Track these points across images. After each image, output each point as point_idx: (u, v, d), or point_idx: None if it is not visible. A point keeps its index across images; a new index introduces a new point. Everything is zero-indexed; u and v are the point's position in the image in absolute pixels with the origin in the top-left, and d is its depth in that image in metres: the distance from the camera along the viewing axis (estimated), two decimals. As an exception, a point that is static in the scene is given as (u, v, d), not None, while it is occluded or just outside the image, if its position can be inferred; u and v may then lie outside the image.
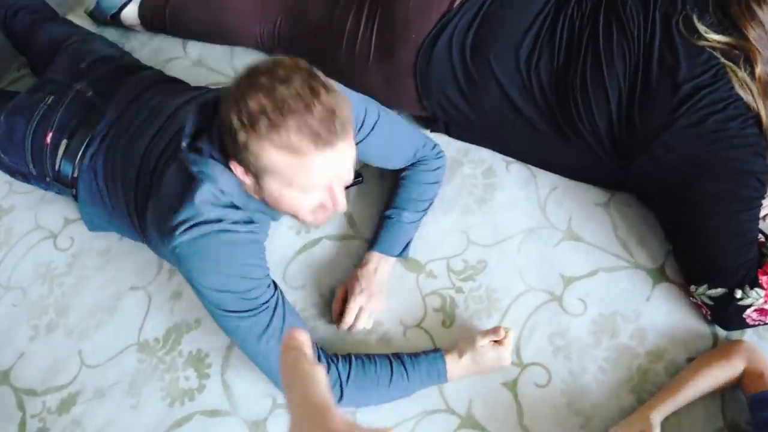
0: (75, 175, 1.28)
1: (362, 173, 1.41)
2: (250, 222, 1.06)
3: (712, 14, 1.16)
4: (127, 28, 1.68)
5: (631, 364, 1.19)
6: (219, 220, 1.00)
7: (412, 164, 1.31)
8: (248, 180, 0.97)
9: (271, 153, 0.89)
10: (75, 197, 1.31)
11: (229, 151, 0.95)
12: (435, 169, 1.32)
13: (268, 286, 1.08)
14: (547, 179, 1.38)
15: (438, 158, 1.33)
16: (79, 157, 1.26)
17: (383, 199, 1.36)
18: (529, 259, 1.29)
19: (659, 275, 1.26)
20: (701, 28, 1.14)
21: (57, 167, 1.29)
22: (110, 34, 1.67)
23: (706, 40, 1.13)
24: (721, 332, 1.20)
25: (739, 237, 1.14)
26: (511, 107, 1.26)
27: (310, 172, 0.91)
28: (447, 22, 1.26)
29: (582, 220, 1.33)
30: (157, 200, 1.08)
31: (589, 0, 1.23)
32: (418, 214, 1.30)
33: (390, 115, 1.22)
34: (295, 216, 1.02)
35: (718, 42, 1.13)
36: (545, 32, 1.22)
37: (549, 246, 1.31)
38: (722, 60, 1.12)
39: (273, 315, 1.07)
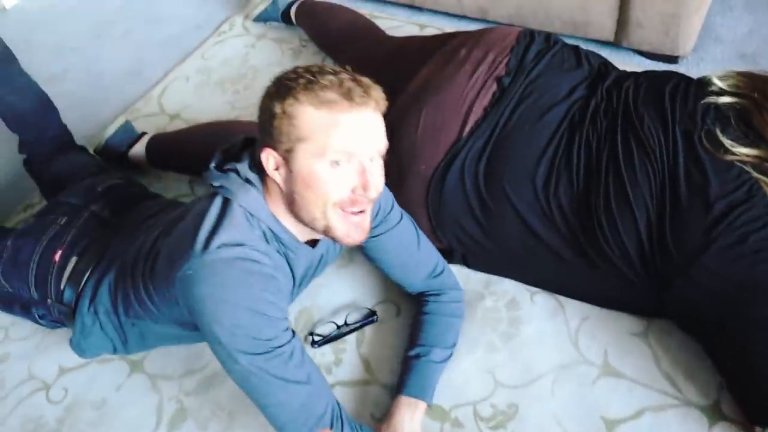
0: (77, 298, 1.22)
1: (377, 311, 1.32)
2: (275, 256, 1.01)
3: (736, 128, 1.10)
4: (135, 167, 1.68)
5: None
6: (241, 245, 0.94)
7: (434, 295, 1.24)
8: (278, 175, 0.96)
9: (306, 110, 0.92)
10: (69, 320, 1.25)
11: (264, 143, 0.96)
12: (458, 301, 1.25)
13: (285, 330, 0.97)
14: (576, 309, 1.27)
15: (458, 289, 1.27)
16: (83, 282, 1.21)
17: (402, 339, 1.26)
18: (565, 400, 1.16)
19: (715, 413, 1.12)
20: (727, 142, 1.08)
21: (61, 287, 1.23)
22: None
23: (734, 154, 1.07)
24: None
25: None
26: (532, 235, 1.19)
27: (343, 130, 0.92)
28: (457, 152, 1.22)
29: (619, 352, 1.21)
30: (171, 237, 1.06)
31: (604, 119, 1.19)
32: (447, 351, 1.20)
33: (413, 223, 1.21)
34: (322, 215, 0.96)
35: (747, 155, 1.07)
36: (561, 156, 1.18)
37: (586, 384, 1.18)
38: (754, 174, 1.05)
39: (288, 362, 0.96)
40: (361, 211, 0.98)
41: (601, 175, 1.14)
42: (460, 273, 1.33)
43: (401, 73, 1.40)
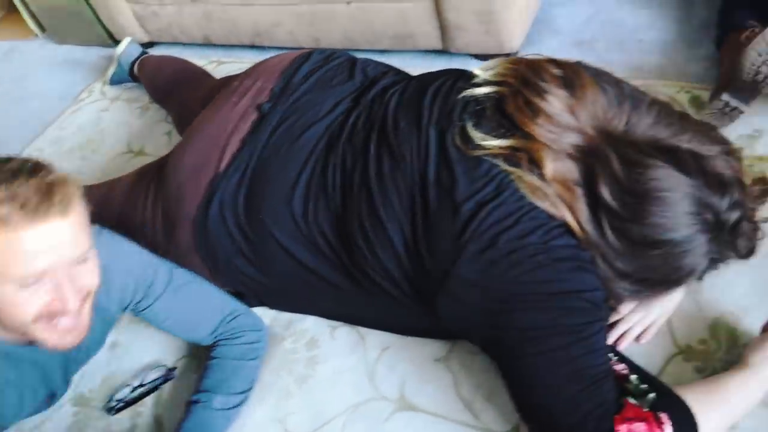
0: None
1: (177, 367, 1.22)
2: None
3: (491, 119, 0.98)
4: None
5: None
6: None
7: (227, 339, 1.14)
8: None
9: None
10: None
11: None
12: (252, 343, 1.14)
13: None
14: (377, 339, 1.16)
15: (257, 330, 1.17)
16: None
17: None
18: (354, 443, 1.04)
19: (514, 439, 0.99)
20: (477, 136, 0.96)
21: None
22: None
23: (485, 148, 0.95)
24: None
25: (576, 379, 0.88)
26: (303, 267, 1.09)
27: (22, 251, 0.79)
28: (215, 189, 1.13)
29: (418, 383, 1.09)
30: None
31: (361, 132, 1.09)
32: (233, 398, 1.09)
33: (188, 278, 1.13)
34: (25, 333, 0.86)
35: (498, 147, 0.95)
36: (316, 177, 1.08)
37: (378, 422, 1.06)
38: (504, 167, 0.93)
39: None
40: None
41: (354, 193, 1.04)
42: (265, 315, 1.23)
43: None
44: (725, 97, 1.31)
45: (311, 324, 1.22)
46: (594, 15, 1.70)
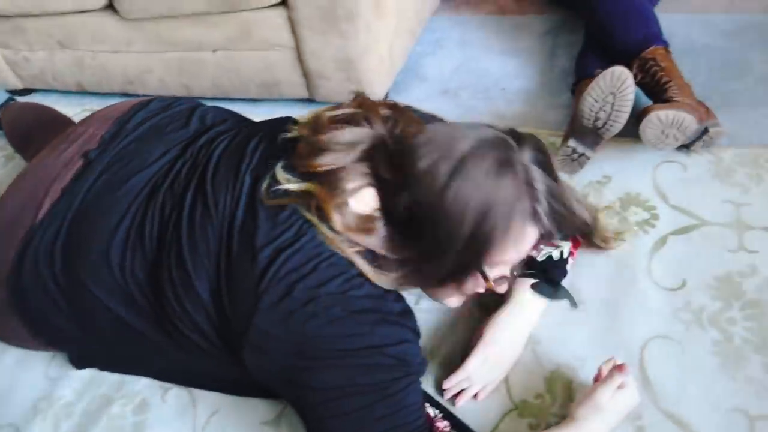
0: None
1: None
2: None
3: (298, 162, 0.92)
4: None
5: None
6: None
7: None
8: None
9: None
10: None
11: None
12: None
13: None
14: (208, 401, 1.09)
15: None
16: None
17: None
18: None
19: None
20: (283, 177, 0.91)
21: None
22: None
23: (287, 192, 0.90)
24: None
25: None
26: (120, 321, 1.01)
27: None
28: (29, 241, 1.06)
29: (244, 448, 1.02)
30: None
31: (183, 181, 1.03)
32: None
33: None
34: None
35: (296, 191, 0.90)
36: (135, 226, 1.02)
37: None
38: (303, 212, 0.88)
39: None
40: None
41: (167, 241, 0.98)
42: (97, 376, 1.15)
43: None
44: (572, 143, 1.33)
45: (144, 386, 1.14)
46: (462, 63, 1.72)
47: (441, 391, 1.03)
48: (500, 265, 0.89)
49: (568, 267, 1.12)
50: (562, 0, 1.80)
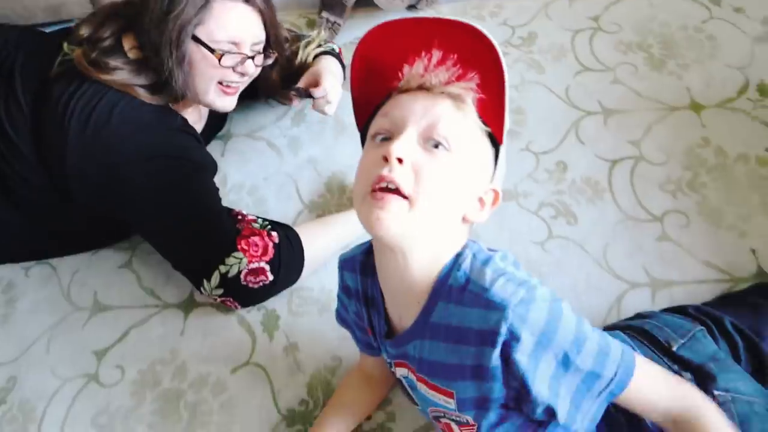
0: None
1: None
2: None
3: None
4: None
5: (178, 405, 1.11)
6: None
7: None
8: None
9: None
10: None
11: None
12: None
13: None
14: (67, 266, 1.32)
15: None
16: None
17: None
18: (59, 353, 1.20)
19: (189, 305, 1.23)
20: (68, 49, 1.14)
21: None
22: None
23: (68, 62, 1.12)
24: (255, 326, 1.17)
25: (197, 221, 1.12)
26: None
27: None
28: None
29: (107, 289, 1.28)
30: None
31: None
32: None
33: None
34: None
35: (72, 58, 1.12)
36: None
37: (77, 329, 1.23)
38: (80, 71, 1.10)
39: None
40: None
41: None
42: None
43: None
44: (324, 14, 1.65)
45: (6, 272, 1.33)
46: None
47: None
48: (220, 41, 1.09)
49: None
50: None
